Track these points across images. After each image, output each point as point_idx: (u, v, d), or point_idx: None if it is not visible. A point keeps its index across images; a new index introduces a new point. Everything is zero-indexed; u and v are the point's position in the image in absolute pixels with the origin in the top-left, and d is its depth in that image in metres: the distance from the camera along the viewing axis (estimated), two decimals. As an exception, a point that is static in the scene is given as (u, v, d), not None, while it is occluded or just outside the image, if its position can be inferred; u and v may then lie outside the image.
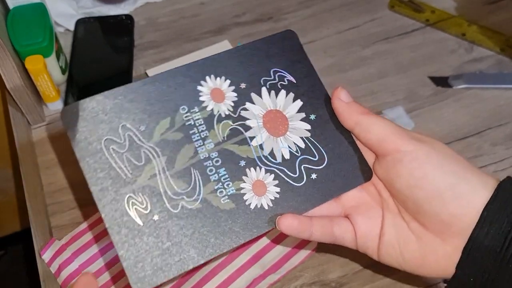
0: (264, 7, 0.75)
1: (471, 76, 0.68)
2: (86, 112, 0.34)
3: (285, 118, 0.36)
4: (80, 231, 0.53)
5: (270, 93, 0.36)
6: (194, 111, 0.35)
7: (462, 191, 0.30)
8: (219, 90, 0.35)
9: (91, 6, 0.74)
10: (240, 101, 0.35)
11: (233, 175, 0.34)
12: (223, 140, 0.34)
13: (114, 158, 0.33)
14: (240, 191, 0.34)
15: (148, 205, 0.33)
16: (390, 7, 0.75)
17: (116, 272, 0.52)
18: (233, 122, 0.35)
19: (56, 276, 0.52)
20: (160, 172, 0.33)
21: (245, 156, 0.34)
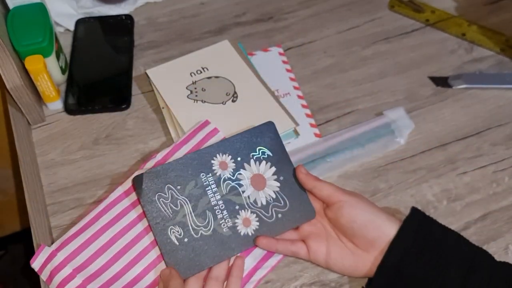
0: (264, 7, 0.75)
1: (471, 76, 0.68)
2: (147, 179, 0.54)
3: (264, 178, 0.56)
4: (71, 236, 0.53)
5: (255, 163, 0.56)
6: (209, 176, 0.55)
7: (378, 224, 0.51)
8: (224, 162, 0.56)
9: (91, 6, 0.74)
10: (237, 169, 0.56)
11: (231, 214, 0.54)
12: (225, 193, 0.55)
13: (162, 205, 0.53)
14: (235, 224, 0.54)
15: (182, 232, 0.53)
16: (390, 7, 0.75)
17: (112, 275, 0.52)
18: (232, 182, 0.55)
19: (48, 283, 0.51)
20: (188, 214, 0.53)
21: (239, 202, 0.54)
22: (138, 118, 0.65)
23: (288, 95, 0.66)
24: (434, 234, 0.50)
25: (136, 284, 0.52)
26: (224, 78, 0.65)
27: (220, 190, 0.54)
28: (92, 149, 0.62)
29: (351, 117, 0.65)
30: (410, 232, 0.49)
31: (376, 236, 0.50)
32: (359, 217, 0.51)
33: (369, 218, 0.50)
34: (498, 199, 0.59)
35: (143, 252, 0.53)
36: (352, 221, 0.51)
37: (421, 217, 0.51)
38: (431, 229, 0.50)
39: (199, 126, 0.59)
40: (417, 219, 0.51)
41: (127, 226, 0.54)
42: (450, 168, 0.61)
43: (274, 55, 0.70)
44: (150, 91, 0.67)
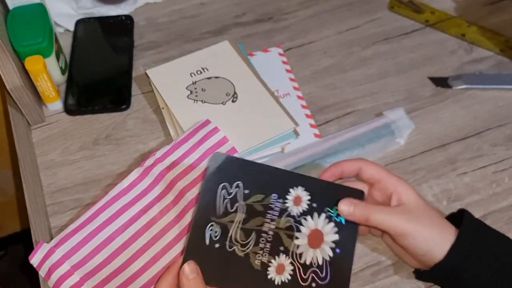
0: (264, 8, 0.76)
1: (470, 76, 0.68)
2: (225, 162, 0.50)
3: (322, 239, 0.50)
4: (69, 233, 0.53)
5: (325, 220, 0.50)
6: (279, 200, 0.50)
7: (434, 252, 0.49)
8: (299, 198, 0.51)
9: (91, 6, 0.74)
10: (306, 212, 0.50)
11: (272, 251, 0.49)
12: (281, 228, 0.49)
13: (219, 197, 0.49)
14: (269, 264, 0.48)
15: (218, 235, 0.48)
16: (390, 8, 0.75)
17: (110, 271, 0.52)
18: (293, 222, 0.50)
19: (46, 279, 0.51)
20: (237, 222, 0.49)
21: (286, 246, 0.49)
22: (138, 118, 0.65)
23: (288, 95, 0.66)
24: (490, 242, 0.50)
25: (134, 281, 0.52)
26: (224, 78, 0.65)
27: (278, 221, 0.49)
28: (92, 150, 0.62)
29: (351, 118, 0.65)
30: (469, 239, 0.49)
31: (424, 260, 0.50)
32: (411, 251, 0.49)
33: (422, 252, 0.49)
34: (498, 199, 0.59)
35: (142, 249, 0.53)
36: (404, 248, 0.50)
37: (475, 225, 0.50)
38: (487, 238, 0.50)
39: (200, 125, 0.59)
40: (472, 229, 0.50)
41: (126, 223, 0.54)
42: (450, 168, 0.61)
43: (274, 56, 0.70)
44: (150, 92, 0.67)
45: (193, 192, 0.55)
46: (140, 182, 0.56)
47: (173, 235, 0.54)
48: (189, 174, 0.56)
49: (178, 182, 0.56)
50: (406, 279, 0.54)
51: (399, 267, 0.54)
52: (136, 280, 0.52)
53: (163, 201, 0.55)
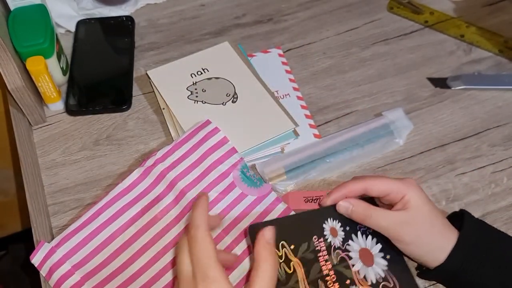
0: (264, 9, 0.76)
1: (469, 77, 0.68)
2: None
3: (371, 254, 0.52)
4: (70, 233, 0.53)
5: (362, 236, 0.53)
6: (320, 240, 0.51)
7: (434, 255, 0.49)
8: (334, 229, 0.52)
9: (92, 7, 0.74)
10: (346, 238, 0.52)
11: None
12: (336, 264, 0.51)
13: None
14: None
15: None
16: (389, 9, 0.75)
17: (111, 271, 0.52)
18: (342, 253, 0.51)
19: (47, 279, 0.52)
20: (302, 280, 0.49)
21: (350, 277, 0.50)
22: (139, 119, 0.65)
23: (288, 96, 0.66)
24: (492, 242, 0.50)
25: (134, 281, 0.52)
26: (224, 79, 0.65)
27: (331, 259, 0.51)
28: (93, 150, 0.63)
29: (350, 118, 0.65)
30: (469, 241, 0.49)
31: (427, 261, 0.50)
32: (412, 255, 0.51)
33: (422, 253, 0.50)
34: (497, 199, 0.59)
35: (142, 249, 0.53)
36: (404, 251, 0.51)
37: (476, 226, 0.51)
38: (488, 238, 0.50)
39: (200, 125, 0.60)
40: (473, 229, 0.50)
41: (126, 223, 0.54)
42: (449, 168, 0.61)
43: (273, 57, 0.70)
44: (151, 92, 0.67)
45: (193, 192, 0.56)
46: (140, 182, 0.56)
47: (173, 235, 0.54)
48: (189, 174, 0.56)
49: (178, 182, 0.56)
50: (405, 279, 0.54)
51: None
52: (137, 280, 0.52)
53: (163, 201, 0.55)
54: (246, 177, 0.57)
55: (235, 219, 0.55)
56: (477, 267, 0.48)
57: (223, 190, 0.56)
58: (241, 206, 0.56)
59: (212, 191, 0.56)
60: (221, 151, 0.58)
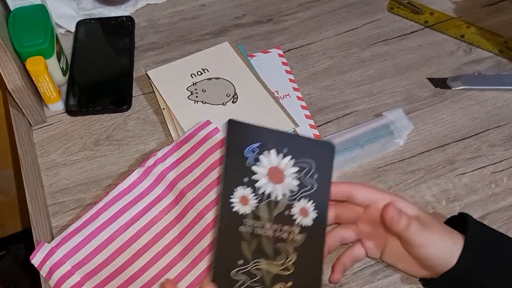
0: (264, 9, 0.76)
1: (469, 77, 0.68)
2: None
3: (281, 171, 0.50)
4: (70, 233, 0.53)
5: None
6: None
7: (442, 258, 0.49)
8: (244, 197, 0.49)
9: (92, 7, 0.74)
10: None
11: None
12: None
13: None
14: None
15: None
16: (389, 9, 0.76)
17: (111, 271, 0.52)
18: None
19: (47, 279, 0.52)
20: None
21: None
22: (139, 119, 0.65)
23: (288, 96, 0.66)
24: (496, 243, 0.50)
25: (135, 281, 0.52)
26: (224, 79, 0.65)
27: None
28: (93, 150, 0.63)
29: (350, 118, 0.65)
30: (476, 243, 0.49)
31: (440, 269, 0.49)
32: (431, 261, 0.49)
33: (441, 261, 0.49)
34: (497, 199, 0.59)
35: (142, 249, 0.53)
36: (424, 260, 0.50)
37: (478, 228, 0.51)
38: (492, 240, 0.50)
39: (201, 125, 0.60)
40: (477, 232, 0.50)
41: (126, 223, 0.54)
42: (449, 169, 0.61)
43: (273, 57, 0.70)
44: (151, 92, 0.67)
45: (193, 192, 0.56)
46: (141, 182, 0.56)
47: (173, 235, 0.54)
48: (189, 174, 0.56)
49: (178, 182, 0.56)
50: (406, 279, 0.54)
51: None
52: (137, 280, 0.52)
53: (163, 201, 0.56)
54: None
55: (235, 220, 0.55)
56: (484, 268, 0.48)
57: (223, 190, 0.56)
58: (241, 206, 0.56)
59: (212, 191, 0.56)
60: (221, 151, 0.58)
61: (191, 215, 0.54)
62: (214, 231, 0.49)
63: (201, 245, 0.53)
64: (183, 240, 0.54)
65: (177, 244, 0.54)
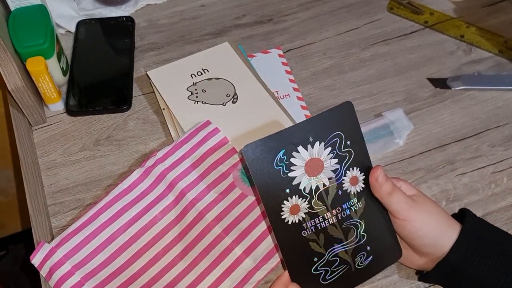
0: (264, 9, 0.76)
1: (469, 77, 0.68)
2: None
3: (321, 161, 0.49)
4: (70, 233, 0.53)
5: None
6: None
7: (439, 243, 0.49)
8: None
9: (92, 8, 0.74)
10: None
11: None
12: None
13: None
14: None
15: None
16: (389, 9, 0.76)
17: (111, 271, 0.52)
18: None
19: (47, 279, 0.52)
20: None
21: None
22: (139, 119, 0.65)
23: (288, 96, 0.66)
24: (494, 237, 0.50)
25: (135, 281, 0.52)
26: (224, 79, 0.65)
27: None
28: (93, 150, 0.63)
29: (350, 118, 0.65)
30: (472, 233, 0.50)
31: (431, 252, 0.50)
32: (421, 240, 0.50)
33: (430, 240, 0.49)
34: (497, 199, 0.59)
35: (142, 249, 0.53)
36: (412, 239, 0.50)
37: (478, 220, 0.51)
38: (490, 233, 0.51)
39: (201, 126, 0.60)
40: (476, 223, 0.51)
41: (127, 224, 0.54)
42: (449, 169, 0.61)
43: (273, 57, 0.70)
44: (151, 93, 0.67)
45: (193, 192, 0.56)
46: (141, 182, 0.56)
47: (173, 235, 0.54)
48: (189, 175, 0.57)
49: (178, 182, 0.56)
50: (406, 279, 0.54)
51: (398, 267, 0.55)
52: (137, 280, 0.52)
53: (163, 202, 0.56)
54: (246, 178, 0.57)
55: (235, 220, 0.55)
56: (478, 259, 0.48)
57: (223, 190, 0.56)
58: (241, 207, 0.56)
59: (212, 192, 0.56)
60: (221, 151, 0.58)
61: (191, 215, 0.54)
62: (280, 251, 0.50)
63: (201, 245, 0.53)
64: (183, 240, 0.54)
65: (177, 244, 0.54)
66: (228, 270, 0.52)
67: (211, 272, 0.52)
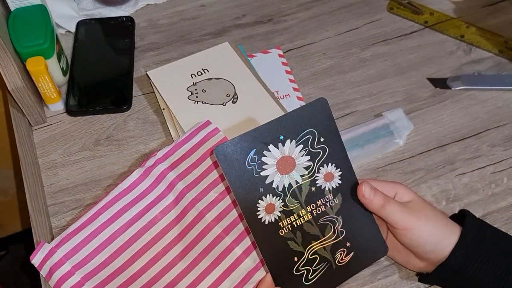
0: (264, 9, 0.76)
1: (469, 77, 0.68)
2: None
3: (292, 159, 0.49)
4: (70, 233, 0.53)
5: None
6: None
7: (439, 248, 0.49)
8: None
9: (92, 8, 0.74)
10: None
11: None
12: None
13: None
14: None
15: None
16: (389, 9, 0.76)
17: (111, 271, 0.52)
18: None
19: (47, 279, 0.52)
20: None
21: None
22: (139, 119, 0.65)
23: (288, 96, 0.66)
24: (493, 239, 0.50)
25: (135, 281, 0.52)
26: (224, 79, 0.65)
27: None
28: (93, 150, 0.63)
29: (350, 118, 0.65)
30: (472, 236, 0.49)
31: (433, 257, 0.50)
32: (422, 247, 0.50)
33: (431, 247, 0.49)
34: (497, 200, 0.59)
35: (142, 250, 0.53)
36: (413, 246, 0.50)
37: (477, 222, 0.51)
38: (490, 235, 0.50)
39: (201, 126, 0.60)
40: (475, 225, 0.51)
41: (126, 224, 0.54)
42: (449, 169, 0.61)
43: (273, 57, 0.70)
44: (151, 93, 0.67)
45: (193, 192, 0.56)
46: (141, 182, 0.56)
47: (173, 235, 0.54)
48: (189, 175, 0.57)
49: (178, 182, 0.56)
50: (405, 279, 0.54)
51: (398, 267, 0.55)
52: (137, 280, 0.52)
53: (163, 202, 0.56)
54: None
55: (235, 220, 0.55)
56: (478, 262, 0.48)
57: (223, 190, 0.56)
58: (241, 207, 0.56)
59: (212, 192, 0.56)
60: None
61: (191, 216, 0.54)
62: (258, 250, 0.50)
63: (201, 245, 0.53)
64: (183, 240, 0.54)
65: (177, 244, 0.54)
66: (228, 270, 0.52)
67: (211, 272, 0.52)
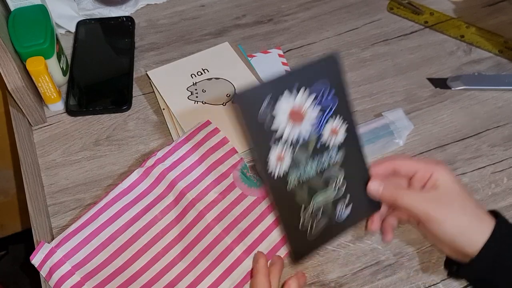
0: (264, 9, 0.76)
1: (469, 77, 0.68)
2: None
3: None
4: (70, 233, 0.53)
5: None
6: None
7: (466, 237, 0.46)
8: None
9: (92, 8, 0.74)
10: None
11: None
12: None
13: None
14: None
15: None
16: (389, 9, 0.76)
17: (111, 271, 0.52)
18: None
19: (47, 279, 0.52)
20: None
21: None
22: (139, 119, 0.65)
23: (288, 96, 0.66)
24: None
25: (135, 281, 0.52)
26: (224, 79, 0.65)
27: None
28: (93, 150, 0.63)
29: (350, 118, 0.65)
30: (509, 227, 0.47)
31: (464, 243, 0.47)
32: (444, 236, 0.47)
33: (456, 235, 0.47)
34: (497, 199, 0.59)
35: (142, 249, 0.53)
36: (437, 239, 0.48)
37: (506, 222, 0.49)
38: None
39: (200, 126, 0.60)
40: (505, 223, 0.48)
41: (127, 223, 0.54)
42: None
43: (274, 57, 0.70)
44: (151, 93, 0.67)
45: (193, 192, 0.56)
46: (141, 182, 0.56)
47: (173, 235, 0.54)
48: (189, 175, 0.57)
49: (178, 182, 0.56)
50: (405, 279, 0.54)
51: (398, 267, 0.55)
52: (137, 280, 0.52)
53: (163, 202, 0.56)
54: (246, 178, 0.58)
55: (235, 220, 0.55)
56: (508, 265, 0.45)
57: (223, 190, 0.56)
58: (241, 207, 0.56)
59: (212, 192, 0.56)
60: (221, 151, 0.58)
61: (191, 215, 0.54)
62: (272, 207, 0.49)
63: (201, 245, 0.53)
64: (183, 240, 0.54)
65: (177, 244, 0.54)
66: (228, 270, 0.52)
67: (211, 272, 0.52)
